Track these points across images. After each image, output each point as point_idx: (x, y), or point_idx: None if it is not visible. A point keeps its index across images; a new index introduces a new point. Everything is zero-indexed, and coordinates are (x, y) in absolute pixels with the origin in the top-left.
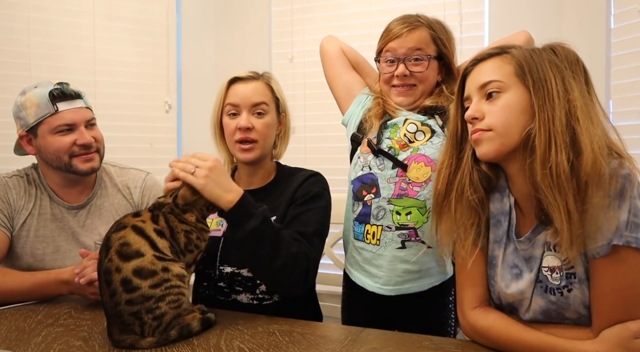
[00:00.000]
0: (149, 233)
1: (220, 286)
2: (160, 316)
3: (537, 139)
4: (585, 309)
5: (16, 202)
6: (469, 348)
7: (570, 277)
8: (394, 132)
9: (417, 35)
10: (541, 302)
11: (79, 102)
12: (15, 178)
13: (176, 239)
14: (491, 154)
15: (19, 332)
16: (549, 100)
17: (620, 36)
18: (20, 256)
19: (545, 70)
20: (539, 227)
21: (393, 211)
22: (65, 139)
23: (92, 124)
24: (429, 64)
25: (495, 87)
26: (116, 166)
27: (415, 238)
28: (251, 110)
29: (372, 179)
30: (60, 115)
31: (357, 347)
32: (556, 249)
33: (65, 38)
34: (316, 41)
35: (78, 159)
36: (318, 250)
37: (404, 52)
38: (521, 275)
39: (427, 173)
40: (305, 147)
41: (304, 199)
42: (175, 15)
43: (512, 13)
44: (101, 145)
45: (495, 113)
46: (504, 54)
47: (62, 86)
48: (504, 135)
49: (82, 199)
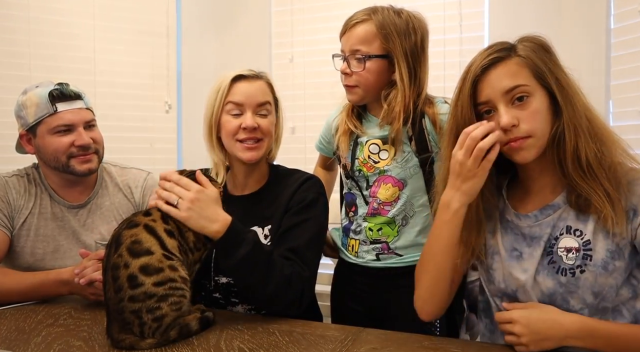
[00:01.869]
0: (160, 233)
1: (216, 297)
2: (160, 318)
3: (567, 135)
4: (591, 296)
5: (16, 202)
6: (469, 348)
7: (585, 258)
8: (360, 151)
9: (360, 30)
10: (550, 283)
11: (78, 102)
12: (15, 178)
13: (184, 237)
14: (531, 158)
15: (19, 332)
16: (570, 96)
17: (620, 36)
18: (20, 256)
19: (555, 68)
20: (548, 209)
21: (366, 228)
22: (63, 140)
23: (91, 125)
24: (366, 64)
25: (522, 91)
26: (117, 166)
27: (388, 251)
28: (256, 110)
29: (352, 198)
30: (58, 116)
31: (357, 347)
32: (576, 232)
33: (65, 38)
34: (316, 41)
35: (76, 160)
36: (312, 266)
37: (347, 49)
38: (521, 256)
39: (395, 193)
40: (305, 147)
41: (299, 207)
42: (175, 15)
43: (512, 13)
44: (100, 146)
45: (529, 119)
46: (514, 57)
47: (62, 87)
48: (541, 138)
49: (83, 198)
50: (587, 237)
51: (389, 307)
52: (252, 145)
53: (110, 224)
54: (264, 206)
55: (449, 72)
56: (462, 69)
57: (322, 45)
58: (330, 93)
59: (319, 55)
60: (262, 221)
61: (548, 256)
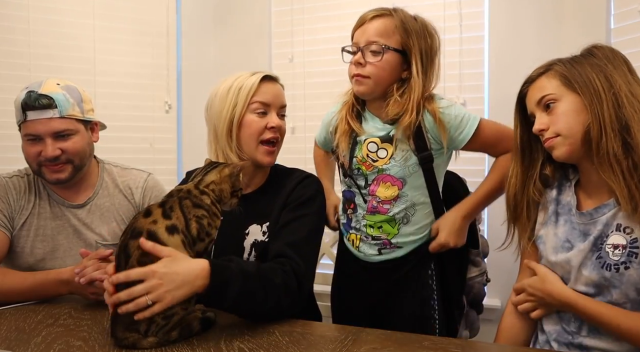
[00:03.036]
0: (161, 237)
1: None
2: (170, 316)
3: (592, 132)
4: (635, 292)
5: (16, 203)
6: (470, 348)
7: (631, 256)
8: (359, 150)
9: (380, 23)
10: (595, 277)
11: (48, 112)
12: (15, 178)
13: (189, 228)
14: (565, 155)
15: (19, 332)
16: (597, 97)
17: (620, 36)
18: (21, 256)
19: (587, 73)
20: (603, 208)
21: (367, 225)
22: (32, 149)
23: (64, 135)
24: (383, 56)
25: (549, 99)
26: (118, 166)
27: (390, 246)
28: (279, 111)
29: (351, 195)
30: (27, 124)
31: (357, 347)
32: (626, 230)
33: (65, 38)
34: (316, 41)
35: (46, 169)
36: (309, 260)
37: (364, 40)
38: (572, 248)
39: (395, 192)
40: (305, 147)
41: (297, 203)
42: (175, 15)
43: (512, 13)
44: (75, 155)
45: (556, 120)
46: (548, 72)
47: (30, 94)
48: (569, 136)
49: (83, 198)
50: (636, 235)
51: (389, 301)
52: (272, 149)
53: (110, 225)
54: (262, 204)
55: (449, 72)
56: (462, 68)
57: (322, 45)
58: (330, 93)
59: (319, 55)
60: (261, 218)
61: (597, 251)
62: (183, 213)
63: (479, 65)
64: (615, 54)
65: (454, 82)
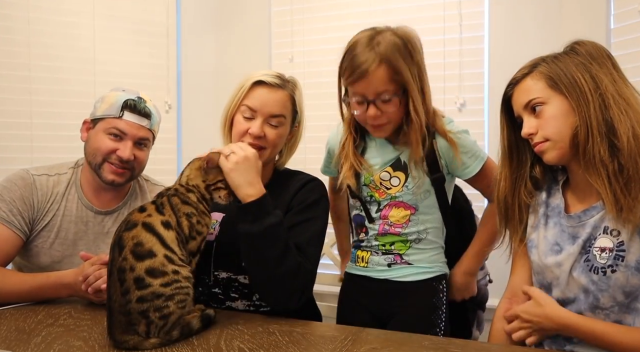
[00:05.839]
0: (157, 229)
1: (215, 292)
2: (167, 315)
3: (580, 134)
4: (622, 295)
5: (41, 203)
6: (470, 348)
7: (617, 259)
8: (368, 177)
9: (378, 74)
10: (584, 280)
11: (144, 120)
12: (44, 177)
13: (180, 225)
14: (555, 158)
15: (19, 332)
16: (583, 99)
17: (620, 36)
18: (38, 255)
19: (572, 73)
20: (591, 210)
21: (379, 244)
22: (109, 143)
23: (142, 144)
24: (393, 100)
25: (536, 102)
26: (149, 181)
27: (400, 261)
28: (267, 119)
29: (361, 220)
30: (119, 121)
31: (357, 347)
32: (613, 233)
33: (65, 38)
34: (316, 41)
35: (108, 166)
36: (314, 261)
37: (371, 93)
38: (561, 251)
39: (407, 215)
40: (305, 147)
41: (301, 207)
42: (175, 15)
43: (512, 13)
44: (139, 166)
45: (544, 125)
46: (532, 72)
47: (137, 101)
48: (558, 140)
49: (112, 205)
50: (622, 239)
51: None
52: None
53: None
54: None
55: (449, 72)
56: (462, 68)
57: (322, 45)
58: (330, 93)
59: (319, 55)
60: None
61: (585, 254)
62: (173, 211)
63: (479, 65)
64: (598, 50)
65: (454, 82)
